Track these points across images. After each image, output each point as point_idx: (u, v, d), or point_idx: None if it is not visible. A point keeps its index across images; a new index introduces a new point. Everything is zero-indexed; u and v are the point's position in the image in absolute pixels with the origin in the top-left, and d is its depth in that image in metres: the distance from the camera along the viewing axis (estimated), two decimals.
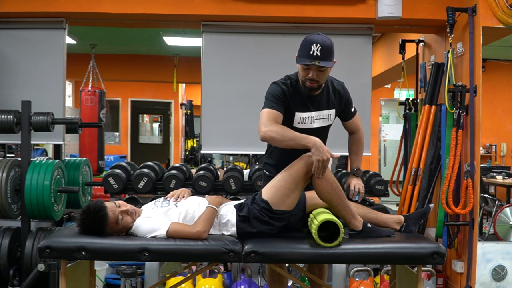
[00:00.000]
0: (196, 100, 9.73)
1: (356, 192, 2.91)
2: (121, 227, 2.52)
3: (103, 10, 4.29)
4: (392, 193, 4.89)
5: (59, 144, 4.58)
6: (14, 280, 3.71)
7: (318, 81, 2.67)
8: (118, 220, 2.50)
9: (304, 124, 2.77)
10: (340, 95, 2.87)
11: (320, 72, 2.64)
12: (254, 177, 4.18)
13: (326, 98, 2.81)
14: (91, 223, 2.48)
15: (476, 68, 3.89)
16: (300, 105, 2.76)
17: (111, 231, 2.51)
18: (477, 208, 3.88)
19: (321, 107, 2.80)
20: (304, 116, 2.77)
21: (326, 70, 2.66)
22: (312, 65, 2.60)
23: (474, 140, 3.89)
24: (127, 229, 2.56)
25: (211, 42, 4.52)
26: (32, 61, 4.39)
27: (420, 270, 2.56)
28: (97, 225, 2.48)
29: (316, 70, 2.62)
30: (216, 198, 2.68)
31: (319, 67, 2.61)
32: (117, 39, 7.71)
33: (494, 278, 3.89)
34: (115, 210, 2.50)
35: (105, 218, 2.47)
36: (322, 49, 2.57)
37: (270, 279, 3.01)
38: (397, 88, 8.92)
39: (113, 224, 2.50)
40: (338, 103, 2.86)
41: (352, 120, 2.97)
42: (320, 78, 2.66)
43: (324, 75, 2.67)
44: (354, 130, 3.01)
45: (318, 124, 2.80)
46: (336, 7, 4.30)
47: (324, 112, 2.81)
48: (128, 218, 2.54)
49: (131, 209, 2.56)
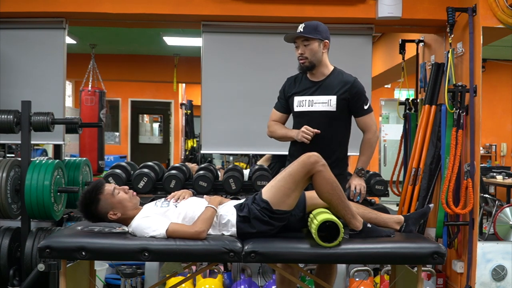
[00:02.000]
0: (196, 100, 9.72)
1: (357, 193, 2.91)
2: (116, 200, 2.55)
3: (103, 10, 4.28)
4: (392, 193, 4.89)
5: (59, 144, 4.58)
6: (14, 280, 3.71)
7: (307, 57, 2.92)
8: (113, 192, 2.55)
9: (302, 106, 2.97)
10: (348, 85, 2.95)
11: (306, 47, 2.91)
12: (254, 177, 4.18)
13: (330, 84, 2.97)
14: (87, 192, 2.56)
15: (476, 68, 3.89)
16: (300, 89, 3.01)
17: (106, 204, 2.54)
18: (477, 208, 3.88)
19: (322, 93, 2.96)
20: (302, 99, 2.98)
21: (311, 45, 2.91)
22: (298, 41, 2.92)
23: (474, 140, 3.89)
24: (125, 213, 2.56)
25: (211, 42, 4.52)
26: (32, 61, 4.39)
27: (420, 270, 2.56)
28: (92, 193, 2.54)
29: (302, 45, 2.92)
30: (215, 198, 2.68)
31: (303, 41, 2.90)
32: (117, 39, 7.71)
33: (494, 278, 3.89)
34: (111, 184, 2.64)
35: (100, 187, 2.55)
36: (305, 26, 2.92)
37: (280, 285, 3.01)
38: (397, 88, 8.93)
39: (108, 194, 2.54)
40: (342, 91, 2.94)
41: (363, 118, 3.01)
42: (307, 54, 2.91)
43: (310, 50, 2.91)
44: (363, 129, 3.04)
45: (317, 108, 2.94)
46: (336, 7, 4.30)
47: (323, 97, 2.94)
48: (125, 195, 2.58)
49: (128, 189, 2.63)
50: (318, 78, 2.99)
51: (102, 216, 2.57)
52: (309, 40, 2.90)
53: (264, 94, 4.16)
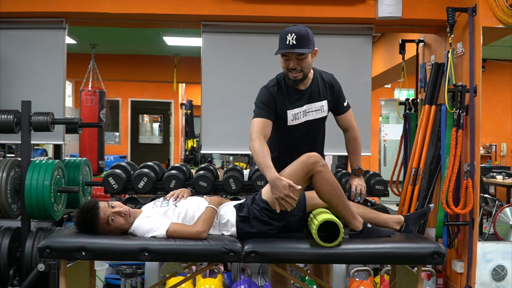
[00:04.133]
0: (196, 100, 9.73)
1: (357, 193, 2.90)
2: (113, 227, 2.53)
3: (103, 10, 4.28)
4: (392, 193, 4.88)
5: (59, 144, 4.58)
6: (14, 280, 3.71)
7: (302, 70, 2.69)
8: (108, 221, 2.51)
9: (297, 120, 2.80)
10: (331, 86, 2.86)
11: (300, 60, 2.66)
12: (254, 177, 4.18)
13: (316, 89, 2.82)
14: (83, 221, 2.53)
15: (476, 68, 3.89)
16: (291, 102, 2.78)
17: (104, 231, 2.53)
18: (477, 208, 3.88)
19: (312, 100, 2.81)
20: (296, 112, 2.78)
21: (306, 58, 2.67)
22: (290, 54, 2.64)
23: (474, 140, 3.89)
24: (122, 230, 2.56)
25: (211, 42, 4.51)
26: (32, 61, 4.39)
27: (420, 270, 2.56)
28: (89, 223, 2.52)
29: (295, 59, 2.66)
30: (215, 198, 2.68)
31: (297, 55, 2.64)
32: (117, 39, 7.71)
33: (494, 278, 3.89)
34: (106, 211, 2.52)
35: (95, 218, 2.50)
36: (297, 37, 2.60)
37: (273, 281, 3.01)
38: (397, 88, 8.92)
39: (103, 224, 2.51)
40: (329, 94, 2.86)
41: (345, 116, 2.94)
42: (302, 66, 2.68)
43: (305, 63, 2.68)
44: (347, 127, 2.96)
45: (311, 117, 2.82)
46: (336, 7, 4.30)
47: (316, 104, 2.82)
48: (121, 220, 2.54)
49: (124, 211, 2.55)
50: (305, 85, 2.80)
51: None
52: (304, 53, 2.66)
53: None
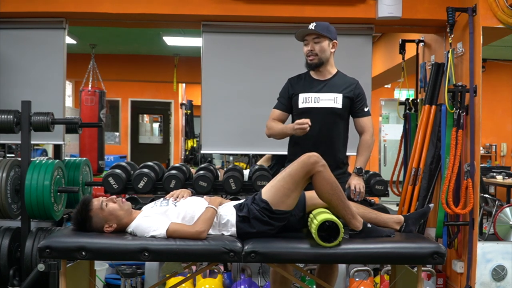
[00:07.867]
0: (196, 100, 9.72)
1: (357, 192, 2.92)
2: (107, 213, 2.54)
3: (103, 10, 4.28)
4: (392, 193, 4.89)
5: (59, 144, 4.58)
6: (14, 280, 3.71)
7: (317, 54, 2.96)
8: (102, 205, 2.54)
9: (308, 103, 2.99)
10: (353, 86, 3.05)
11: (316, 44, 2.95)
12: (254, 177, 4.18)
13: (334, 83, 3.03)
14: (77, 212, 2.56)
15: (476, 68, 3.89)
16: (306, 87, 3.04)
17: (99, 220, 2.54)
18: (477, 208, 3.88)
19: (329, 90, 3.01)
20: (308, 96, 3.01)
21: (323, 43, 2.96)
22: (308, 38, 2.96)
23: (474, 140, 3.89)
24: (119, 223, 2.56)
25: (211, 42, 4.52)
26: (32, 61, 4.39)
27: (420, 270, 2.56)
28: (82, 212, 2.54)
29: (312, 42, 2.96)
30: (215, 198, 2.68)
31: (314, 38, 2.94)
32: (117, 39, 7.71)
33: (494, 278, 3.89)
34: (99, 198, 2.60)
35: (88, 204, 2.55)
36: (317, 24, 2.97)
37: (274, 281, 3.01)
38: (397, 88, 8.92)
39: (97, 210, 2.53)
40: (348, 90, 3.03)
41: (362, 120, 3.07)
42: (317, 51, 2.96)
43: (320, 48, 2.96)
44: (361, 130, 3.08)
45: (323, 104, 2.99)
46: (336, 7, 4.30)
47: (329, 95, 2.99)
48: (114, 205, 2.56)
49: (115, 198, 2.60)
50: (324, 76, 3.05)
51: (99, 231, 2.57)
52: (320, 37, 2.95)
53: (264, 94, 4.16)
